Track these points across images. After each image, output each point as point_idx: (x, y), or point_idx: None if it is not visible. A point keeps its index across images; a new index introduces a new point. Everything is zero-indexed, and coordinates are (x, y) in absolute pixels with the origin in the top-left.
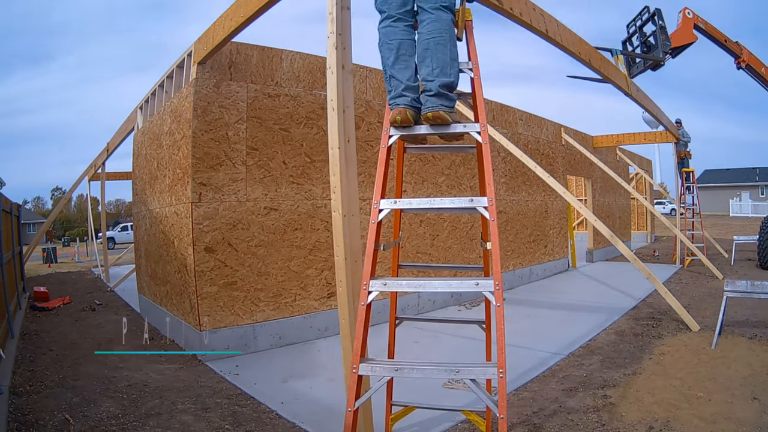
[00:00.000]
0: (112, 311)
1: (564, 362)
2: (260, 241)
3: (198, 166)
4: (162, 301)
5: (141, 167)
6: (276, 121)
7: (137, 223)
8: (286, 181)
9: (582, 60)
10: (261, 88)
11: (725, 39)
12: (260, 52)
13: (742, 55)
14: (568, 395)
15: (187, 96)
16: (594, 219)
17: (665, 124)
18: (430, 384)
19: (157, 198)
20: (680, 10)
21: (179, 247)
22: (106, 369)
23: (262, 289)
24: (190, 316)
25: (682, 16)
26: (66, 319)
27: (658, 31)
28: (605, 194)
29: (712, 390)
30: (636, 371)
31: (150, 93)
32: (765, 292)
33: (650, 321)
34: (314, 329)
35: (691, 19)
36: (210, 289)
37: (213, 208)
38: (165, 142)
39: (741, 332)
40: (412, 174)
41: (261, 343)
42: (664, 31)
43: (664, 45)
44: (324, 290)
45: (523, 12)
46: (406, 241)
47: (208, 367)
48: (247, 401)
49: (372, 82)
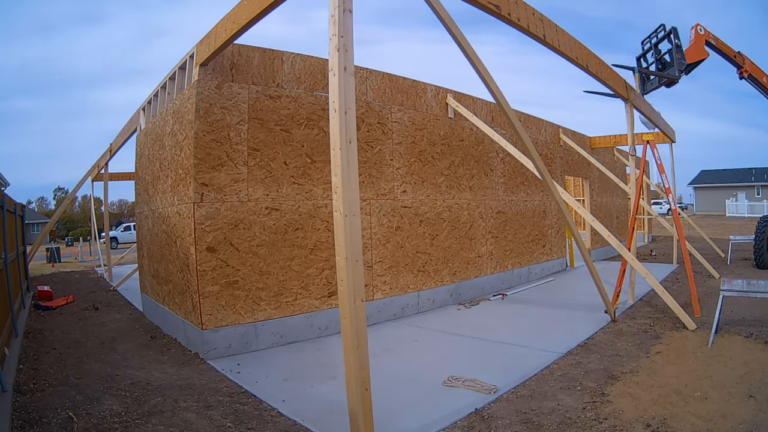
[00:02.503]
0: (114, 310)
1: (562, 360)
2: (261, 241)
3: (200, 166)
4: (164, 300)
5: (144, 168)
6: (277, 122)
7: (140, 223)
8: (287, 181)
9: (579, 65)
10: (262, 89)
11: (734, 54)
12: (262, 53)
13: (744, 66)
14: (566, 393)
15: (189, 97)
16: (592, 219)
17: (662, 127)
18: (431, 382)
19: (159, 198)
20: (692, 27)
21: (181, 246)
22: (109, 367)
23: (263, 289)
24: (192, 315)
25: (695, 33)
26: (69, 318)
27: (674, 49)
28: (603, 194)
29: (709, 388)
30: (633, 369)
31: (152, 94)
32: (761, 291)
33: (648, 320)
34: (315, 328)
35: (702, 35)
36: (212, 288)
37: (215, 208)
38: (167, 142)
39: (737, 331)
40: (412, 174)
41: (262, 342)
42: (679, 50)
43: (680, 63)
44: (325, 289)
45: (521, 17)
46: (406, 240)
47: (210, 366)
48: (249, 399)
49: (372, 84)
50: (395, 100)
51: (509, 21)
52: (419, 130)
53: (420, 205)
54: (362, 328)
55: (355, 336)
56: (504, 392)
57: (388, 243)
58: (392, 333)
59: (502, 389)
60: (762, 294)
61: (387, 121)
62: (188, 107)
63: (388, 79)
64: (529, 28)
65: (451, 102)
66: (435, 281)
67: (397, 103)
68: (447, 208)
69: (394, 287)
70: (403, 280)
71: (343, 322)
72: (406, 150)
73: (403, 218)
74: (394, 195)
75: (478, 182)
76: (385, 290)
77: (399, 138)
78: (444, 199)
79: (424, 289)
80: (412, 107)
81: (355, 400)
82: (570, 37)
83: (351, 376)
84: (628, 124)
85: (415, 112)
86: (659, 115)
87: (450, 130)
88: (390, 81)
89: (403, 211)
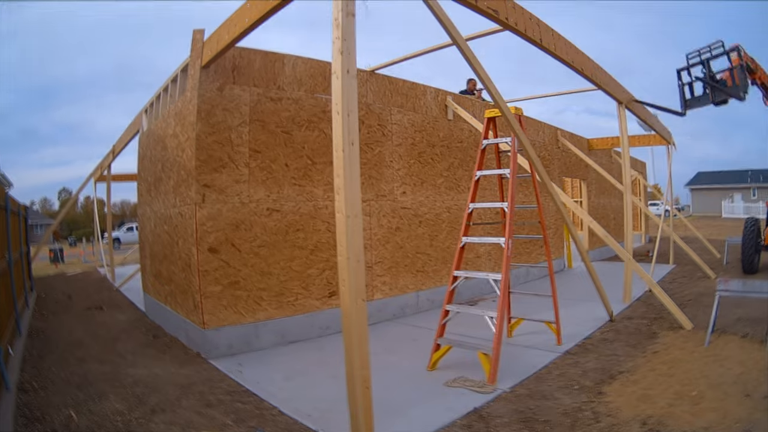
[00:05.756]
0: (117, 310)
1: (560, 360)
2: (263, 242)
3: (202, 168)
4: (166, 300)
5: (146, 169)
6: (278, 124)
7: (142, 224)
8: (288, 182)
9: (575, 68)
10: (264, 91)
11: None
12: (263, 56)
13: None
14: (564, 392)
15: (191, 99)
16: (590, 220)
17: (658, 129)
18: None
19: (161, 199)
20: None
21: (183, 247)
22: (112, 366)
23: (264, 289)
24: (193, 315)
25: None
26: (72, 318)
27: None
28: (600, 196)
29: (705, 387)
30: (630, 369)
31: (155, 96)
32: (757, 292)
33: (644, 320)
34: (315, 328)
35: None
36: (213, 288)
37: (216, 209)
38: (169, 144)
39: (733, 331)
40: (411, 176)
41: (264, 342)
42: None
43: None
44: (325, 290)
45: (518, 21)
46: (406, 241)
47: (212, 365)
48: (250, 398)
49: (372, 86)
50: (395, 102)
51: (507, 25)
52: (419, 132)
53: (419, 206)
54: (363, 328)
55: (357, 335)
56: (502, 391)
57: (388, 244)
58: (392, 333)
59: (500, 388)
60: (758, 294)
61: (387, 123)
62: (190, 109)
63: (388, 82)
64: (526, 32)
65: (450, 104)
66: (434, 281)
67: (396, 105)
68: (446, 209)
69: (393, 287)
70: (403, 280)
71: (344, 322)
72: (405, 151)
73: (402, 219)
74: (394, 196)
75: None
76: (385, 290)
77: (398, 140)
78: (443, 200)
79: (423, 289)
80: (412, 109)
81: (356, 398)
82: (566, 42)
83: (352, 375)
84: (621, 126)
85: (415, 114)
86: (656, 118)
87: (449, 131)
88: (390, 83)
89: (403, 212)
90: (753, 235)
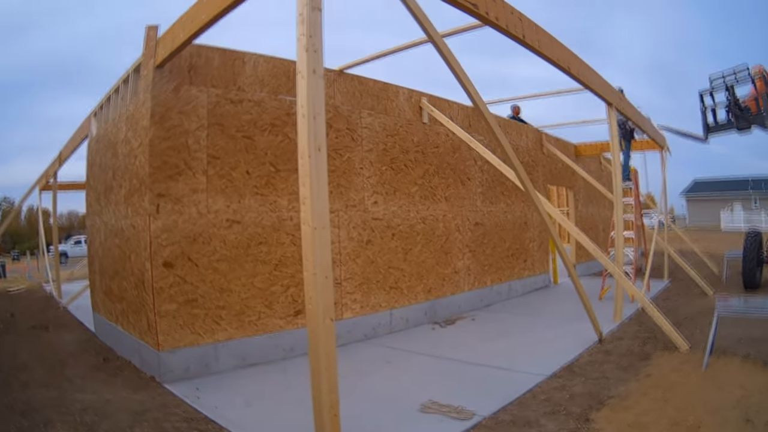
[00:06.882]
0: (64, 330)
1: (545, 384)
2: (222, 256)
3: (156, 175)
4: (118, 320)
5: (95, 177)
6: (239, 128)
7: (91, 237)
8: (249, 191)
9: (561, 67)
10: (223, 92)
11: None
12: (222, 54)
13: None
14: (549, 418)
15: (144, 102)
16: (577, 232)
17: (651, 134)
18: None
19: (112, 210)
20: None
21: (136, 261)
22: (59, 391)
23: (224, 307)
24: (147, 336)
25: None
26: (15, 339)
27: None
28: (588, 205)
29: (703, 413)
30: (621, 394)
31: (105, 99)
32: (759, 310)
33: (636, 340)
34: (280, 349)
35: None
36: (169, 306)
37: (172, 221)
38: (121, 150)
39: (733, 351)
40: (383, 184)
41: (223, 364)
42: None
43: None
44: (290, 308)
45: (499, 16)
46: (378, 255)
47: (167, 390)
48: (209, 425)
49: (340, 87)
50: (365, 105)
51: (487, 20)
52: (391, 137)
53: (392, 216)
54: (331, 349)
55: (324, 357)
56: (483, 418)
57: (359, 258)
58: (363, 354)
59: (480, 415)
60: (761, 313)
61: (356, 127)
62: (143, 112)
63: (358, 82)
64: (508, 27)
65: (425, 106)
66: (408, 299)
67: (367, 108)
68: (421, 219)
69: (364, 305)
70: (375, 298)
71: (311, 343)
72: (377, 158)
73: (374, 231)
74: (365, 206)
75: (454, 192)
76: (356, 309)
77: (369, 145)
78: (418, 210)
79: (396, 307)
80: (383, 112)
81: (324, 425)
82: (551, 38)
83: (319, 400)
84: (611, 129)
85: (387, 117)
86: (648, 121)
87: (424, 136)
88: (359, 84)
89: (374, 223)
90: (755, 247)
